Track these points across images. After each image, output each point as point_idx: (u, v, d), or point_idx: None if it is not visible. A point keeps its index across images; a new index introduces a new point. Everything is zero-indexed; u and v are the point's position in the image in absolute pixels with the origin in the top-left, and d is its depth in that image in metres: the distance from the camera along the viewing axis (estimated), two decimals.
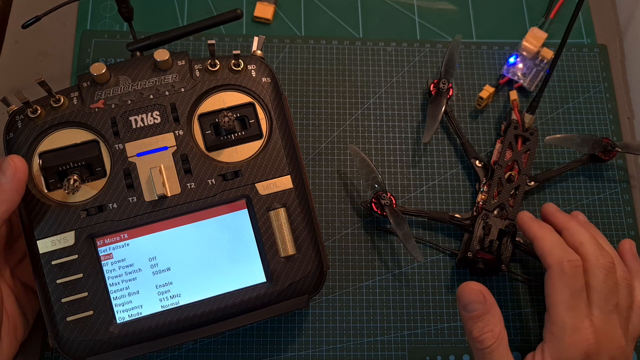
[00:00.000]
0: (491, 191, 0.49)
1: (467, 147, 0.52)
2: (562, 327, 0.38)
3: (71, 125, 0.41)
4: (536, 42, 0.55)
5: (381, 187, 0.48)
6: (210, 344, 0.47)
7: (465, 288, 0.39)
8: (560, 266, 0.40)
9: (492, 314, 0.39)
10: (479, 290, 0.39)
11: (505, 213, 0.49)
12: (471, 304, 0.39)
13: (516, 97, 0.53)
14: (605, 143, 0.51)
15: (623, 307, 0.41)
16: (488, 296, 0.39)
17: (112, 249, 0.40)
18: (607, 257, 0.41)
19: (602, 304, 0.39)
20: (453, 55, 0.53)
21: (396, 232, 0.47)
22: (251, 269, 0.41)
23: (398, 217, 0.47)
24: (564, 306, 0.39)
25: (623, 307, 0.41)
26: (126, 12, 0.48)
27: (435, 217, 0.50)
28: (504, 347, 0.38)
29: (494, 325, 0.38)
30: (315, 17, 0.58)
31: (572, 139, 0.52)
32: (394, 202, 0.48)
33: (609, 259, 0.40)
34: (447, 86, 0.52)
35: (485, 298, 0.39)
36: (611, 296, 0.40)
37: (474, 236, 0.48)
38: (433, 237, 0.51)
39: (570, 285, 0.39)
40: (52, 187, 0.40)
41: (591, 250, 0.41)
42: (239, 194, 0.41)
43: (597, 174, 0.54)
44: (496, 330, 0.38)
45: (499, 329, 0.38)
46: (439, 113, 0.51)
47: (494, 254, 0.47)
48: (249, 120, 0.42)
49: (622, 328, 0.40)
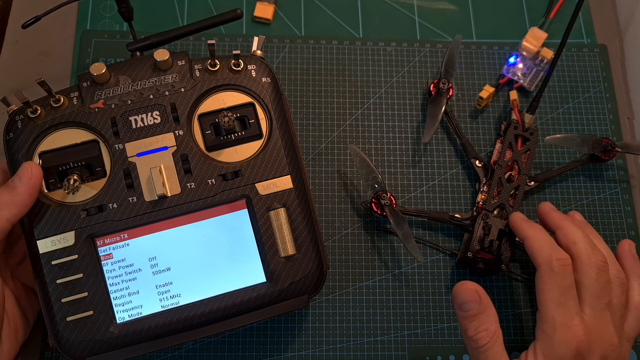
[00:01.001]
0: (491, 191, 0.49)
1: (467, 147, 0.52)
2: (552, 325, 0.39)
3: (71, 125, 0.41)
4: (536, 42, 0.55)
5: (381, 187, 0.48)
6: (210, 344, 0.47)
7: (460, 287, 0.40)
8: (549, 265, 0.40)
9: (488, 313, 0.39)
10: (474, 290, 0.39)
11: (505, 213, 0.49)
12: (466, 303, 0.39)
13: (516, 97, 0.53)
14: (605, 143, 0.51)
15: (616, 305, 0.41)
16: (483, 296, 0.40)
17: (112, 249, 0.40)
18: (599, 255, 0.41)
19: (593, 301, 0.39)
20: (453, 55, 0.53)
21: (396, 232, 0.47)
22: (251, 269, 0.41)
23: (398, 217, 0.48)
24: (553, 304, 0.39)
25: (616, 305, 0.41)
26: (126, 12, 0.48)
27: (435, 217, 0.50)
28: (498, 346, 0.39)
29: (489, 325, 0.39)
30: (315, 17, 0.58)
31: (572, 139, 0.52)
32: (394, 202, 0.48)
33: (601, 257, 0.41)
34: (447, 86, 0.52)
35: (480, 297, 0.39)
36: (603, 294, 0.40)
37: (474, 236, 0.48)
38: (433, 237, 0.51)
39: (559, 283, 0.39)
40: (52, 187, 0.40)
41: (583, 249, 0.41)
42: (239, 194, 0.41)
43: (597, 174, 0.54)
44: (491, 329, 0.39)
45: (494, 328, 0.39)
46: (439, 113, 0.51)
47: (494, 254, 0.47)
48: (249, 120, 0.42)
49: (615, 326, 0.40)
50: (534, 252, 0.42)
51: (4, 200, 0.38)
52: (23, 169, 0.39)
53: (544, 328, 0.39)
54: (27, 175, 0.39)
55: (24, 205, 0.39)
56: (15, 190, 0.38)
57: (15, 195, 0.38)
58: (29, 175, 0.39)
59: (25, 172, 0.39)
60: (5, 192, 0.38)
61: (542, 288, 0.40)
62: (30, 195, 0.39)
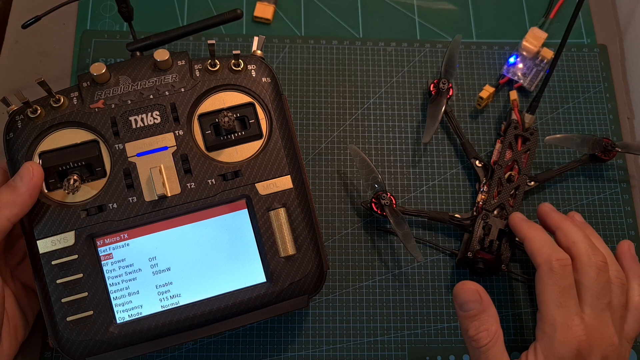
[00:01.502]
0: (491, 191, 0.49)
1: (467, 147, 0.52)
2: (552, 325, 0.39)
3: (71, 125, 0.41)
4: (536, 42, 0.55)
5: (381, 187, 0.48)
6: (210, 344, 0.47)
7: (461, 287, 0.40)
8: (549, 265, 0.40)
9: (488, 313, 0.39)
10: (475, 290, 0.39)
11: (505, 213, 0.49)
12: (467, 303, 0.39)
13: (516, 97, 0.53)
14: (605, 143, 0.51)
15: (616, 305, 0.41)
16: (484, 295, 0.40)
17: (112, 249, 0.40)
18: (600, 255, 0.41)
19: (593, 301, 0.39)
20: (453, 55, 0.53)
21: (396, 232, 0.47)
22: (251, 269, 0.41)
23: (398, 217, 0.48)
24: (553, 304, 0.39)
25: (616, 305, 0.41)
26: (126, 12, 0.48)
27: (435, 217, 0.50)
28: (499, 345, 0.39)
29: (490, 325, 0.39)
30: (315, 17, 0.58)
31: (572, 139, 0.52)
32: (394, 202, 0.48)
33: (601, 257, 0.41)
34: (447, 86, 0.52)
35: (481, 297, 0.39)
36: (603, 294, 0.40)
37: (474, 236, 0.48)
38: (433, 237, 0.51)
39: (559, 284, 0.39)
40: (52, 187, 0.40)
41: (583, 249, 0.41)
42: (239, 194, 0.41)
43: (597, 174, 0.54)
44: (492, 329, 0.39)
45: (495, 328, 0.39)
46: (439, 113, 0.51)
47: (494, 254, 0.47)
48: (249, 120, 0.42)
49: (615, 326, 0.40)
50: (534, 252, 0.42)
51: (4, 200, 0.38)
52: (24, 168, 0.39)
53: (544, 328, 0.39)
54: (29, 175, 0.39)
55: (25, 205, 0.39)
56: (17, 190, 0.38)
57: (17, 195, 0.38)
58: (30, 175, 0.39)
59: (27, 171, 0.39)
60: (6, 192, 0.38)
61: (542, 288, 0.40)
62: (31, 195, 0.39)
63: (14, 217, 0.38)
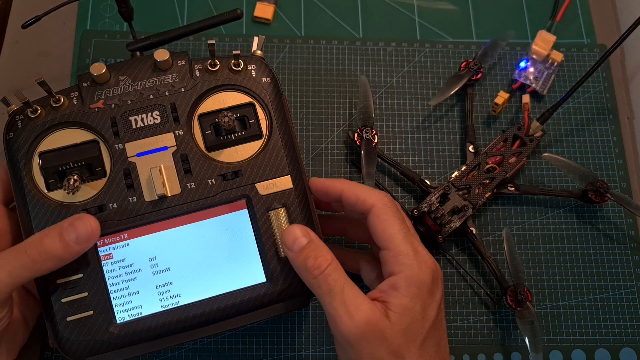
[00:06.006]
0: (466, 172, 0.50)
1: (469, 130, 0.53)
2: (407, 255, 0.38)
3: (71, 125, 0.41)
4: (546, 45, 0.55)
5: (369, 123, 0.50)
6: (210, 344, 0.47)
7: (288, 228, 0.39)
8: (382, 202, 0.40)
9: (320, 245, 0.38)
10: (302, 227, 0.39)
11: (469, 197, 0.49)
12: (298, 239, 0.38)
13: (528, 101, 0.53)
14: (599, 185, 0.50)
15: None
16: (312, 233, 0.39)
17: (112, 249, 0.40)
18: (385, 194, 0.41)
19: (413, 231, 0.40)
20: (497, 44, 0.54)
21: (361, 167, 0.48)
22: (251, 269, 0.41)
23: (371, 155, 0.48)
24: (401, 235, 0.39)
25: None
26: (126, 12, 0.48)
27: (407, 174, 0.51)
28: (342, 272, 0.38)
29: (326, 253, 0.38)
30: (315, 17, 0.58)
31: (570, 166, 0.50)
32: (376, 141, 0.50)
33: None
34: (477, 66, 0.53)
35: (309, 233, 0.38)
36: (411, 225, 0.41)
37: (427, 198, 0.49)
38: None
39: (398, 216, 0.39)
40: (52, 187, 0.40)
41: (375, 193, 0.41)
42: (239, 194, 0.41)
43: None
44: (328, 257, 0.38)
45: (331, 257, 0.38)
46: (457, 85, 0.52)
47: (438, 225, 0.48)
48: (249, 120, 0.42)
49: None
50: (363, 196, 0.40)
51: (52, 252, 0.36)
52: (81, 222, 0.36)
53: (400, 260, 0.38)
54: (87, 233, 0.36)
55: (65, 261, 0.37)
56: (69, 248, 0.36)
57: (67, 252, 0.36)
58: (89, 234, 0.36)
59: (85, 228, 0.36)
60: (57, 244, 0.36)
61: (384, 226, 0.39)
62: (79, 253, 0.37)
63: (49, 269, 0.36)
